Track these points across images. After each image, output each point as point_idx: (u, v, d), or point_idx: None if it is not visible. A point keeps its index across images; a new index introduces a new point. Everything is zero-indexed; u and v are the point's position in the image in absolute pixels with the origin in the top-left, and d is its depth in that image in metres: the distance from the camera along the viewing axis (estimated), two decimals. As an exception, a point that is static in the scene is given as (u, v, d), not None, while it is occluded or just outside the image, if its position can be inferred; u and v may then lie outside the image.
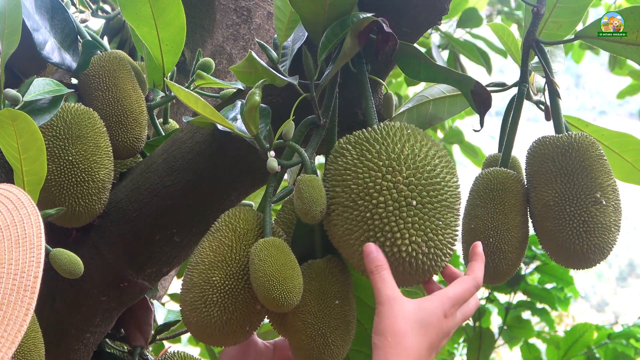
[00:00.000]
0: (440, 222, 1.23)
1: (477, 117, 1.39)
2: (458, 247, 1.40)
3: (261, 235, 1.30)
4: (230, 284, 1.26)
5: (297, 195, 1.23)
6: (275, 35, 1.43)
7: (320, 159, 2.60)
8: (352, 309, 1.32)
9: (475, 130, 1.46)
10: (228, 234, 1.29)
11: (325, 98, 1.34)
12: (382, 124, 1.30)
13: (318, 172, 1.32)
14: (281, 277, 1.21)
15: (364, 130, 1.29)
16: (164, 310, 1.83)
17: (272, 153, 1.29)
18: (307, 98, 1.31)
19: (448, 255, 1.25)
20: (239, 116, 1.33)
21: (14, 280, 0.89)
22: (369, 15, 1.29)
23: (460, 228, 1.32)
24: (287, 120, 1.27)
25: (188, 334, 3.86)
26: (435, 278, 1.29)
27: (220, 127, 1.32)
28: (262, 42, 1.40)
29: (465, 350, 4.75)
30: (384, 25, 1.27)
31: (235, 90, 1.53)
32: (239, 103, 1.37)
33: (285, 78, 1.32)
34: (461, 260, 1.56)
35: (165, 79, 1.17)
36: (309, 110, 1.32)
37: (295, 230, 1.36)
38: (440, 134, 4.37)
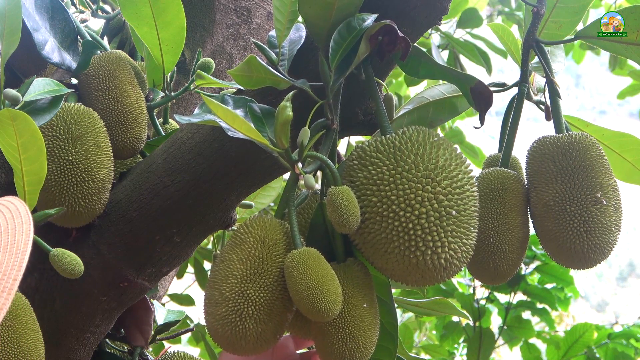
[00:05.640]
0: (471, 228, 1.28)
1: (477, 118, 1.39)
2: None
3: (290, 245, 1.30)
4: (265, 297, 1.26)
5: (332, 208, 1.23)
6: (270, 34, 1.42)
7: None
8: (377, 310, 1.34)
9: (476, 128, 1.47)
10: (257, 245, 1.28)
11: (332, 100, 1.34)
12: (406, 130, 1.31)
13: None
14: (325, 289, 1.22)
15: (389, 137, 1.30)
16: (164, 310, 1.83)
17: (300, 165, 1.28)
18: (313, 100, 1.30)
19: (471, 254, 1.30)
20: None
21: None
22: (374, 16, 1.29)
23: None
24: (304, 128, 1.27)
25: (188, 334, 3.87)
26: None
27: (230, 132, 1.27)
28: (260, 43, 1.39)
29: (465, 350, 4.75)
30: (397, 29, 1.27)
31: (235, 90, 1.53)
32: (230, 100, 1.35)
33: (294, 82, 1.31)
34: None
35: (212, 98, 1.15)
36: (305, 111, 1.31)
37: (309, 234, 1.37)
38: (440, 134, 4.37)
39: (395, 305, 1.47)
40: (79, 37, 1.60)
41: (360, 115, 1.42)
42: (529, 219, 1.47)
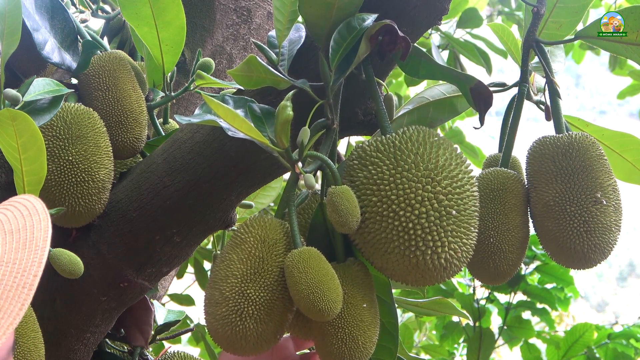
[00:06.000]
0: (472, 228, 1.28)
1: (477, 118, 1.39)
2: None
3: (290, 245, 1.30)
4: (266, 296, 1.26)
5: (332, 208, 1.23)
6: (270, 34, 1.43)
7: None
8: (377, 310, 1.34)
9: (476, 128, 1.46)
10: (257, 245, 1.28)
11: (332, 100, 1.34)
12: (407, 130, 1.31)
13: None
14: (325, 288, 1.22)
15: (389, 136, 1.30)
16: (164, 310, 1.83)
17: (300, 164, 1.28)
18: (313, 100, 1.30)
19: (471, 254, 1.29)
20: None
21: (14, 278, 0.93)
22: (374, 16, 1.29)
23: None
24: (304, 128, 1.27)
25: (188, 334, 3.87)
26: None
27: (231, 132, 1.27)
28: (260, 44, 1.39)
29: (465, 351, 4.75)
30: (397, 29, 1.27)
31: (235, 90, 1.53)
32: (230, 100, 1.36)
33: (294, 82, 1.31)
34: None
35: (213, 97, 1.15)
36: (305, 111, 1.31)
37: (309, 234, 1.37)
38: (440, 134, 4.37)
39: (395, 305, 1.47)
40: (79, 37, 1.60)
41: (360, 115, 1.42)
42: (529, 219, 1.47)
